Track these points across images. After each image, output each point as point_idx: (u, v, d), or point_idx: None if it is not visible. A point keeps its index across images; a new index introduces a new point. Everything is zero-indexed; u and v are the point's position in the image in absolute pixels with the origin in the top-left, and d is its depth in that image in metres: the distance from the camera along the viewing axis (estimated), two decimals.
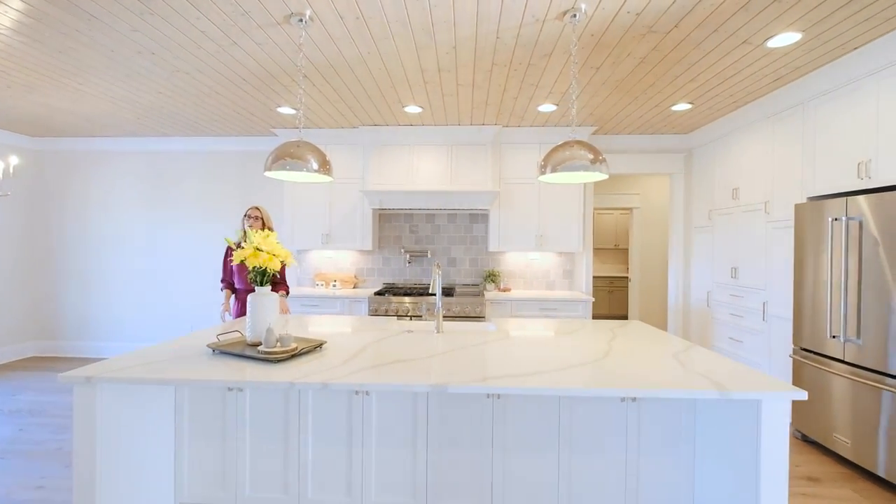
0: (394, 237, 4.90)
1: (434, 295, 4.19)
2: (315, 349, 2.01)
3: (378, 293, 4.23)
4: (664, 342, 2.23)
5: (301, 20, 2.35)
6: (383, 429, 2.01)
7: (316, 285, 4.80)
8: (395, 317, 4.03)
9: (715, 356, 1.96)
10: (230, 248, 3.11)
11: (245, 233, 3.04)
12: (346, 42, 2.65)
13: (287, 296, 3.36)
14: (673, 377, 1.65)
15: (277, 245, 2.09)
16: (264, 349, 1.83)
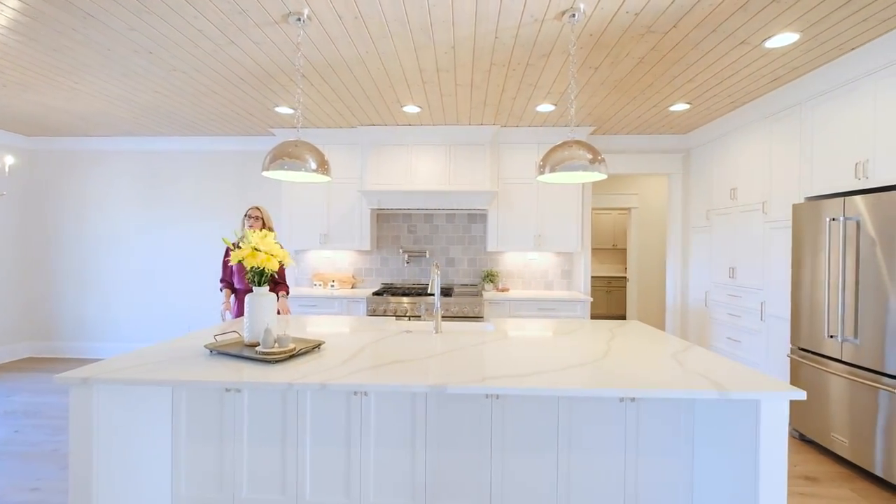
0: (392, 237, 4.89)
1: (432, 295, 4.18)
2: (313, 350, 2.00)
3: (376, 293, 4.23)
4: (663, 342, 2.23)
5: (299, 19, 2.34)
6: (382, 429, 2.00)
7: (314, 285, 4.79)
8: (394, 317, 4.02)
9: (713, 356, 1.96)
10: (230, 248, 3.10)
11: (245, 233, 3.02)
12: (345, 41, 2.64)
13: (287, 296, 3.35)
14: (672, 377, 1.65)
15: (275, 245, 2.08)
16: (262, 350, 1.83)
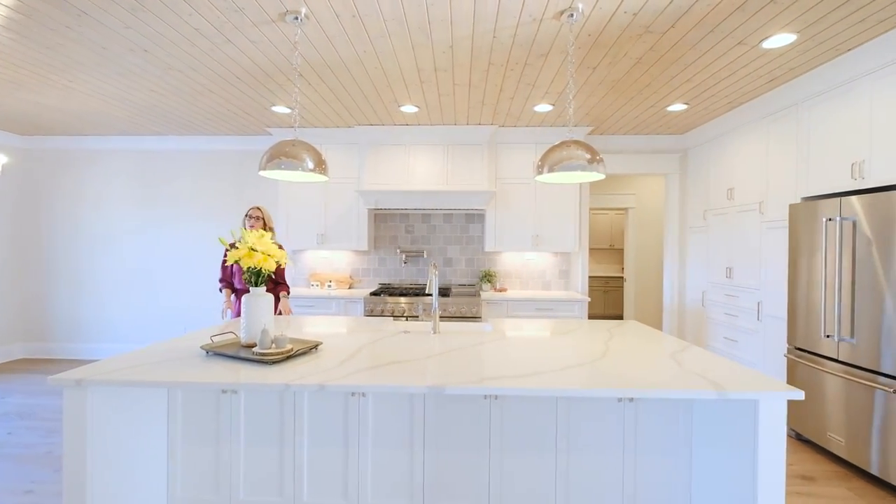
0: (389, 237, 4.88)
1: (430, 295, 4.17)
2: (310, 350, 1.98)
3: (374, 293, 4.21)
4: (661, 342, 2.23)
5: (296, 18, 2.32)
6: (380, 430, 1.99)
7: (311, 286, 4.77)
8: (391, 317, 4.00)
9: (711, 356, 1.96)
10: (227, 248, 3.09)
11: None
12: (342, 40, 2.62)
13: (288, 296, 3.34)
14: (670, 377, 1.64)
15: (272, 245, 2.06)
16: (259, 350, 1.81)
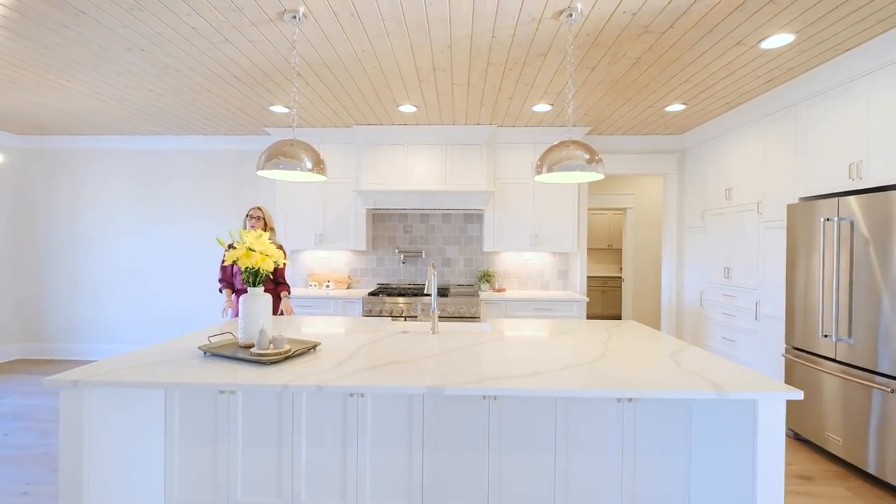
0: (388, 237, 4.87)
1: (428, 295, 4.17)
2: (309, 351, 1.98)
3: (372, 294, 4.20)
4: (660, 342, 2.23)
5: (294, 17, 2.31)
6: (378, 431, 1.98)
7: (309, 286, 4.76)
8: (390, 317, 4.00)
9: (710, 356, 1.96)
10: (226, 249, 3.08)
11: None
12: (341, 40, 2.62)
13: (289, 296, 3.33)
14: (669, 377, 1.64)
15: (270, 245, 2.06)
16: (257, 351, 1.81)
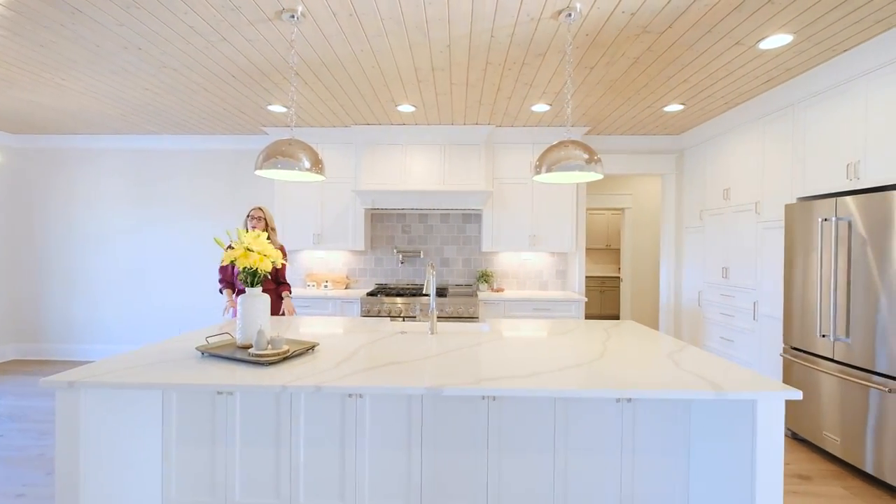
0: (386, 237, 4.86)
1: (427, 295, 4.16)
2: (307, 351, 1.97)
3: (370, 294, 4.20)
4: (658, 342, 2.23)
5: (293, 16, 2.30)
6: (377, 432, 1.98)
7: (307, 286, 4.75)
8: (388, 318, 3.99)
9: (709, 356, 1.96)
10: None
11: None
12: (339, 39, 2.61)
13: (290, 295, 3.32)
14: (668, 377, 1.64)
15: (268, 245, 2.05)
16: (255, 352, 1.80)
